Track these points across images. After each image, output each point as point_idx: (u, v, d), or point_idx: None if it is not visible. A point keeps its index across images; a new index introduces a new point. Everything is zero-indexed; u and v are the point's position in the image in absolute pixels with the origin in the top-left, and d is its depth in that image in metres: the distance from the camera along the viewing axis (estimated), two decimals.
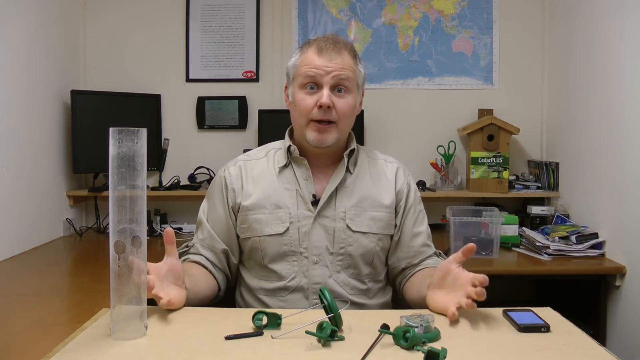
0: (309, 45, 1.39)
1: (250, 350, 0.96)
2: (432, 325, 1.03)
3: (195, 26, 2.94)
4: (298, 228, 1.37)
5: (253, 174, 1.43)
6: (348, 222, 1.38)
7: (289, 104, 1.44)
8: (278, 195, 1.39)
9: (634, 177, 2.02)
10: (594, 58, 2.34)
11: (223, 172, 1.46)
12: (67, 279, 2.00)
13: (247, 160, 1.47)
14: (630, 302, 2.05)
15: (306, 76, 1.35)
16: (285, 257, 1.38)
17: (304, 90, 1.36)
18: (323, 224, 1.38)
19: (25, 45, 2.30)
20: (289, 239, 1.37)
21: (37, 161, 2.39)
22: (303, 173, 1.41)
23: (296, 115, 1.39)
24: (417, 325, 1.00)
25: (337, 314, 1.03)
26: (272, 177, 1.42)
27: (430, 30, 2.92)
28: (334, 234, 1.38)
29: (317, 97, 1.34)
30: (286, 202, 1.38)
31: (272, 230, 1.37)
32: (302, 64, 1.37)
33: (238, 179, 1.43)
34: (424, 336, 0.99)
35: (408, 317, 1.04)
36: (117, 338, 1.01)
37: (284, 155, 1.43)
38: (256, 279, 1.42)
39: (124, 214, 1.00)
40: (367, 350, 0.95)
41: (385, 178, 1.46)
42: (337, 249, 1.38)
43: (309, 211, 1.38)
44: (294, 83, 1.39)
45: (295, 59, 1.40)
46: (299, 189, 1.39)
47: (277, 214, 1.38)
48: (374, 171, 1.46)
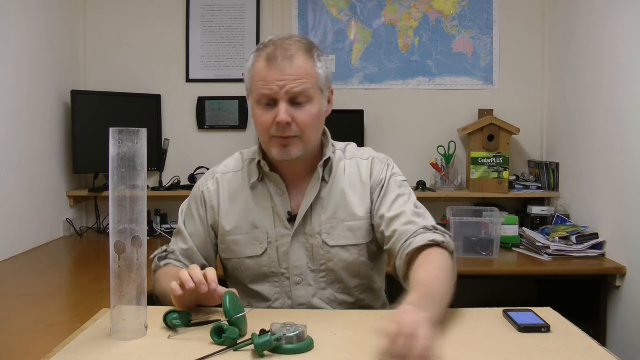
0: (259, 52, 1.26)
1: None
2: (303, 335, 0.98)
3: (195, 26, 2.94)
4: (276, 248, 1.31)
5: (230, 189, 1.36)
6: (324, 237, 1.30)
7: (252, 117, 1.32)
8: (254, 214, 1.32)
9: (634, 177, 2.02)
10: (594, 58, 2.34)
11: (202, 186, 1.39)
12: (67, 279, 2.00)
13: (224, 172, 1.39)
14: (630, 302, 2.05)
15: (260, 93, 1.23)
16: (266, 278, 1.33)
17: (260, 106, 1.24)
18: (301, 241, 1.31)
19: (25, 45, 2.30)
20: (268, 259, 1.31)
21: (37, 161, 2.39)
22: (277, 188, 1.32)
23: (258, 130, 1.28)
24: (280, 335, 0.96)
25: (232, 319, 1.00)
26: (246, 194, 1.34)
27: (430, 30, 2.92)
28: (312, 250, 1.31)
29: (274, 112, 1.22)
30: (262, 221, 1.31)
31: (250, 252, 1.32)
32: (255, 77, 1.24)
33: (215, 195, 1.36)
34: (284, 346, 0.96)
35: (278, 324, 0.99)
36: (117, 338, 1.01)
37: (255, 170, 1.34)
38: (243, 296, 1.33)
39: (124, 214, 1.00)
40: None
41: (359, 179, 1.34)
42: (318, 266, 1.31)
43: (285, 229, 1.31)
44: (250, 97, 1.28)
45: (249, 67, 1.27)
46: (274, 205, 1.32)
47: (254, 234, 1.32)
48: (349, 175, 1.35)
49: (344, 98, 2.92)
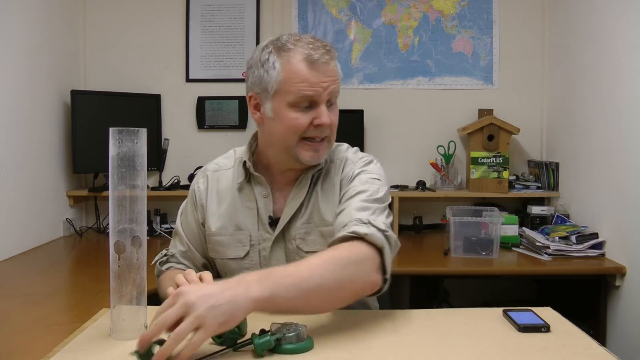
0: (292, 53, 1.20)
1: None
2: (303, 335, 0.98)
3: (195, 26, 2.94)
4: (259, 251, 1.31)
5: (219, 188, 1.35)
6: (298, 243, 1.30)
7: (262, 118, 1.27)
8: (239, 215, 1.31)
9: (634, 177, 2.02)
10: (594, 58, 2.34)
11: (194, 185, 1.39)
12: (67, 279, 2.00)
13: (215, 170, 1.38)
14: (630, 302, 2.05)
15: (302, 96, 1.19)
16: None
17: (296, 108, 1.21)
18: (281, 246, 1.31)
19: (26, 45, 2.30)
20: (250, 262, 1.31)
21: (37, 161, 2.39)
22: (262, 190, 1.31)
23: (282, 133, 1.23)
24: (280, 335, 0.95)
25: None
26: (234, 194, 1.33)
27: (430, 30, 2.92)
28: (290, 256, 1.31)
29: (313, 114, 1.21)
30: (246, 223, 1.31)
31: (233, 254, 1.31)
32: (293, 79, 1.19)
33: (204, 194, 1.36)
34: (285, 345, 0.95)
35: (278, 324, 0.98)
36: (117, 338, 1.01)
37: (241, 171, 1.33)
38: None
39: (124, 214, 1.00)
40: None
41: (331, 183, 1.31)
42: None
43: (267, 233, 1.30)
44: (276, 98, 1.22)
45: (277, 70, 1.20)
46: (259, 207, 1.31)
47: (238, 236, 1.31)
48: (325, 179, 1.32)
49: (344, 98, 2.88)
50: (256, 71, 1.23)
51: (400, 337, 1.05)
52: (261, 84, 1.23)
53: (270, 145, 1.29)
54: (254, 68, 1.24)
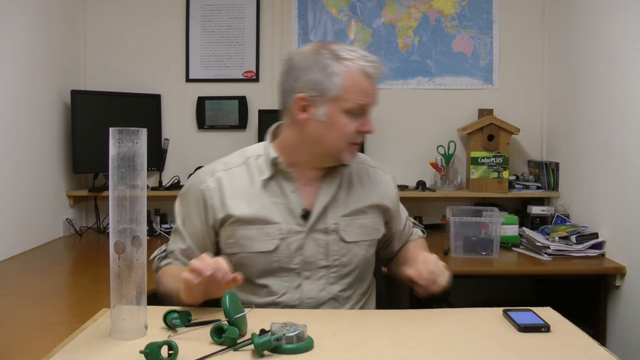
0: (352, 63, 1.27)
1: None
2: (303, 335, 0.98)
3: (195, 26, 2.94)
4: (289, 244, 1.32)
5: (234, 186, 1.35)
6: (341, 234, 1.35)
7: (308, 120, 1.29)
8: (266, 210, 1.32)
9: (634, 177, 2.02)
10: (594, 58, 2.34)
11: (200, 185, 1.37)
12: (67, 279, 2.00)
13: (225, 170, 1.38)
14: (630, 302, 2.05)
15: (358, 105, 1.28)
16: (275, 273, 1.33)
17: (349, 115, 1.28)
18: (315, 237, 1.33)
19: (26, 45, 2.30)
20: (279, 255, 1.32)
21: (37, 161, 2.39)
22: (290, 186, 1.34)
23: (332, 136, 1.29)
24: (280, 335, 0.96)
25: (232, 319, 1.00)
26: (256, 190, 1.34)
27: (430, 30, 2.92)
28: (327, 247, 1.34)
29: (360, 122, 1.30)
30: (275, 217, 1.32)
31: (261, 247, 1.32)
32: (353, 88, 1.26)
33: (217, 194, 1.34)
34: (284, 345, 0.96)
35: (278, 324, 0.99)
36: (117, 338, 1.01)
37: (268, 167, 1.35)
38: (244, 293, 1.34)
39: (124, 214, 1.00)
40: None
41: (370, 183, 1.43)
42: (332, 262, 1.34)
43: (298, 226, 1.33)
44: (332, 103, 1.26)
45: (339, 77, 1.25)
46: (286, 202, 1.33)
47: (266, 230, 1.32)
48: (363, 177, 1.43)
49: None
50: (312, 74, 1.26)
51: (400, 337, 1.05)
52: (318, 88, 1.26)
53: (309, 145, 1.32)
54: (308, 71, 1.27)
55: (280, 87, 1.34)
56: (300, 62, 1.30)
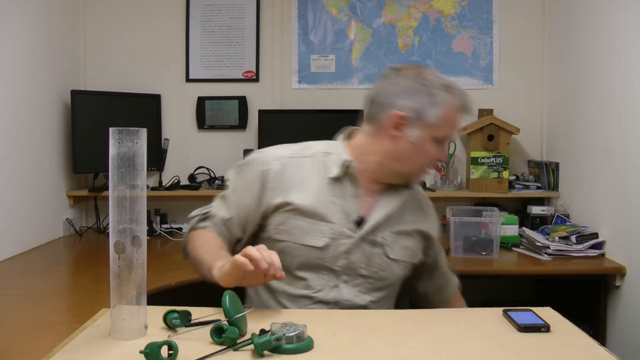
0: (452, 96, 1.33)
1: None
2: (303, 335, 0.98)
3: (195, 26, 2.94)
4: (337, 246, 1.32)
5: (299, 175, 1.34)
6: (386, 250, 1.35)
7: (398, 138, 1.31)
8: (324, 207, 1.32)
9: (634, 177, 2.02)
10: (594, 58, 2.34)
11: (263, 166, 1.35)
12: (67, 279, 2.00)
13: (290, 157, 1.37)
14: (630, 302, 2.05)
15: (446, 135, 1.33)
16: (316, 269, 1.33)
17: (433, 142, 1.31)
18: (362, 246, 1.33)
19: (26, 45, 2.30)
20: (326, 254, 1.31)
21: (37, 161, 2.39)
22: (353, 190, 1.34)
23: (415, 158, 1.33)
24: (280, 335, 0.96)
25: (232, 319, 0.99)
26: (320, 185, 1.34)
27: (430, 30, 2.92)
28: (370, 258, 1.34)
29: (439, 150, 1.34)
30: (331, 216, 1.32)
31: (311, 242, 1.31)
32: (447, 120, 1.31)
33: (280, 177, 1.34)
34: (284, 345, 0.96)
35: (278, 324, 0.99)
36: (117, 338, 1.01)
37: (338, 167, 1.33)
38: (279, 282, 1.32)
39: (124, 214, 1.00)
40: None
41: (420, 210, 1.45)
42: (371, 273, 1.35)
43: (350, 231, 1.32)
44: (427, 129, 1.29)
45: (440, 108, 1.30)
46: (344, 205, 1.33)
47: (319, 226, 1.31)
48: (415, 203, 1.44)
49: (344, 98, 2.92)
50: (418, 97, 1.30)
51: (400, 337, 1.05)
52: (419, 112, 1.29)
53: (388, 159, 1.33)
54: (414, 92, 1.30)
55: (376, 97, 1.35)
56: (408, 81, 1.32)
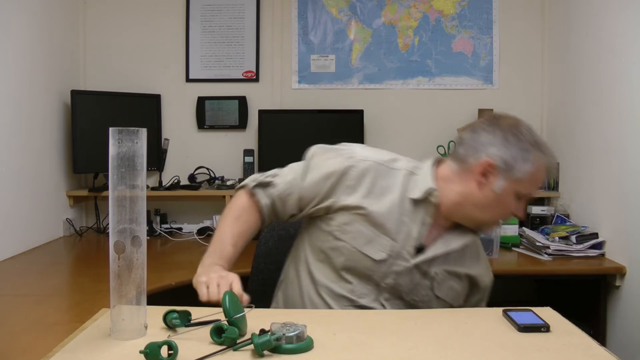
0: (544, 157, 1.30)
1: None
2: (303, 335, 0.98)
3: (195, 26, 2.94)
4: (391, 264, 1.30)
5: (381, 183, 1.32)
6: (435, 285, 1.34)
7: (483, 185, 1.29)
8: (393, 223, 1.30)
9: (634, 177, 2.02)
10: (594, 58, 2.34)
11: (348, 161, 1.33)
12: (67, 279, 2.00)
13: (378, 163, 1.34)
14: (630, 302, 2.05)
15: (528, 193, 1.31)
16: (364, 277, 1.31)
17: (515, 197, 1.29)
18: (413, 273, 1.32)
19: (26, 45, 2.30)
20: (379, 269, 1.30)
21: (37, 161, 2.39)
22: (424, 218, 1.32)
23: (493, 208, 1.30)
24: (280, 335, 0.96)
25: (232, 319, 0.99)
26: (397, 201, 1.31)
27: (430, 30, 2.92)
28: (416, 287, 1.33)
29: (518, 206, 1.31)
30: (395, 234, 1.30)
31: (370, 252, 1.29)
32: (534, 178, 1.29)
33: (360, 179, 1.31)
34: (284, 345, 0.96)
35: (278, 324, 0.99)
36: (117, 338, 1.01)
37: (422, 191, 1.31)
38: (323, 276, 1.33)
39: (124, 214, 1.00)
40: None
41: (477, 257, 1.42)
42: (410, 299, 1.33)
43: (408, 254, 1.31)
44: (512, 182, 1.27)
45: (530, 165, 1.27)
46: (411, 228, 1.31)
47: (382, 239, 1.30)
48: (474, 250, 1.42)
49: (344, 98, 2.92)
50: (511, 150, 1.28)
51: (400, 337, 1.05)
52: (509, 164, 1.27)
53: (467, 203, 1.31)
54: (509, 144, 1.29)
55: (469, 139, 1.34)
56: (504, 132, 1.31)
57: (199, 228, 2.69)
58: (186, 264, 2.13)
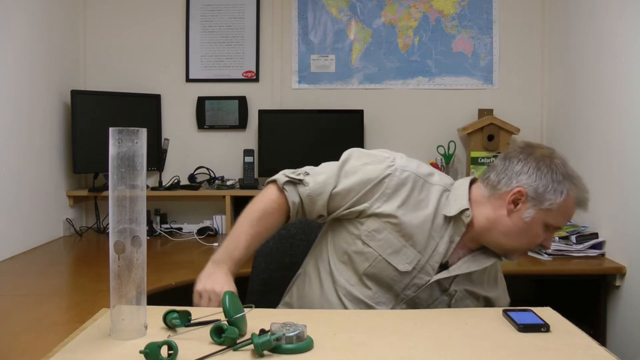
0: (575, 190, 1.32)
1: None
2: (303, 335, 0.98)
3: (195, 26, 2.94)
4: (414, 277, 1.31)
5: (417, 196, 1.32)
6: (452, 303, 1.34)
7: (515, 215, 1.28)
8: (423, 237, 1.30)
9: (634, 177, 2.02)
10: (594, 58, 2.34)
11: (389, 168, 1.33)
12: (67, 279, 2.00)
13: (418, 176, 1.34)
14: (630, 302, 2.05)
15: (558, 225, 1.32)
16: (386, 285, 1.32)
17: (544, 227, 1.29)
18: (433, 288, 1.32)
19: (26, 45, 2.30)
20: (401, 280, 1.30)
21: (37, 161, 2.39)
22: (454, 236, 1.32)
23: (520, 238, 1.30)
24: (280, 335, 0.96)
25: (232, 319, 0.99)
26: (432, 216, 1.31)
27: (430, 30, 2.92)
28: (434, 302, 1.33)
29: (545, 237, 1.31)
30: (423, 248, 1.30)
31: (396, 262, 1.30)
32: (564, 210, 1.29)
33: (399, 188, 1.31)
34: (284, 345, 0.96)
35: (278, 324, 0.99)
36: (117, 338, 1.01)
37: (457, 209, 1.30)
38: (344, 278, 1.34)
39: (124, 214, 1.00)
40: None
41: (495, 280, 1.44)
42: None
43: (431, 269, 1.31)
44: (542, 213, 1.27)
45: (562, 197, 1.28)
46: (439, 244, 1.31)
47: (409, 251, 1.30)
48: (492, 273, 1.44)
49: (344, 98, 2.92)
50: (544, 180, 1.29)
51: (400, 337, 1.05)
52: (540, 194, 1.28)
53: (494, 230, 1.31)
54: (541, 174, 1.30)
55: (502, 166, 1.33)
56: (537, 162, 1.32)
57: (199, 228, 2.69)
58: (186, 264, 2.13)
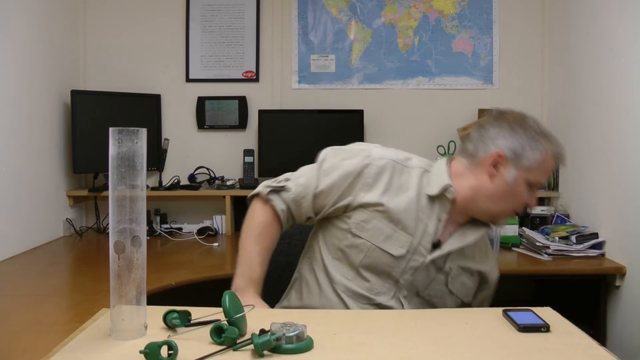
0: (552, 146, 1.32)
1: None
2: (303, 335, 0.98)
3: (195, 26, 2.94)
4: (409, 260, 1.32)
5: (399, 182, 1.35)
6: (448, 280, 1.36)
7: (497, 178, 1.31)
8: (411, 219, 1.32)
9: (634, 177, 2.02)
10: (594, 58, 2.34)
11: (365, 159, 1.36)
12: (67, 279, 2.00)
13: (395, 161, 1.37)
14: (630, 302, 2.05)
15: (539, 182, 1.32)
16: (382, 274, 1.33)
17: (527, 187, 1.31)
18: (429, 268, 1.34)
19: (26, 45, 2.30)
20: (398, 264, 1.32)
21: (37, 161, 2.39)
22: (441, 214, 1.34)
23: (506, 200, 1.32)
24: (280, 335, 0.96)
25: (232, 319, 0.99)
26: (416, 198, 1.33)
27: (430, 30, 2.92)
28: (431, 282, 1.35)
29: (529, 197, 1.33)
30: (413, 230, 1.32)
31: (389, 248, 1.32)
32: (543, 166, 1.31)
33: (378, 176, 1.34)
34: (284, 345, 0.96)
35: (278, 324, 0.99)
36: (117, 338, 1.01)
37: (439, 187, 1.33)
38: (341, 274, 1.35)
39: (124, 214, 1.00)
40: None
41: (487, 252, 1.46)
42: (425, 295, 1.36)
43: (424, 250, 1.33)
44: (523, 172, 1.30)
45: (540, 154, 1.29)
46: (428, 224, 1.33)
47: (400, 235, 1.32)
48: (485, 244, 1.46)
49: (344, 98, 2.92)
50: (520, 139, 1.30)
51: (400, 337, 1.05)
52: (518, 154, 1.30)
53: (480, 197, 1.33)
54: (516, 135, 1.31)
55: (478, 135, 1.36)
56: (510, 124, 1.33)
57: (199, 228, 2.70)
58: (186, 264, 2.13)
